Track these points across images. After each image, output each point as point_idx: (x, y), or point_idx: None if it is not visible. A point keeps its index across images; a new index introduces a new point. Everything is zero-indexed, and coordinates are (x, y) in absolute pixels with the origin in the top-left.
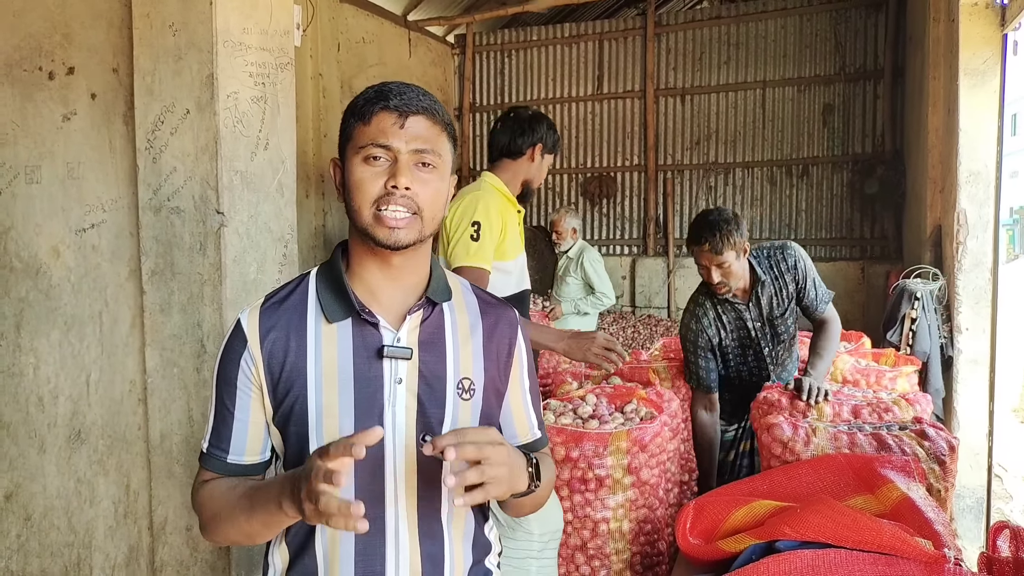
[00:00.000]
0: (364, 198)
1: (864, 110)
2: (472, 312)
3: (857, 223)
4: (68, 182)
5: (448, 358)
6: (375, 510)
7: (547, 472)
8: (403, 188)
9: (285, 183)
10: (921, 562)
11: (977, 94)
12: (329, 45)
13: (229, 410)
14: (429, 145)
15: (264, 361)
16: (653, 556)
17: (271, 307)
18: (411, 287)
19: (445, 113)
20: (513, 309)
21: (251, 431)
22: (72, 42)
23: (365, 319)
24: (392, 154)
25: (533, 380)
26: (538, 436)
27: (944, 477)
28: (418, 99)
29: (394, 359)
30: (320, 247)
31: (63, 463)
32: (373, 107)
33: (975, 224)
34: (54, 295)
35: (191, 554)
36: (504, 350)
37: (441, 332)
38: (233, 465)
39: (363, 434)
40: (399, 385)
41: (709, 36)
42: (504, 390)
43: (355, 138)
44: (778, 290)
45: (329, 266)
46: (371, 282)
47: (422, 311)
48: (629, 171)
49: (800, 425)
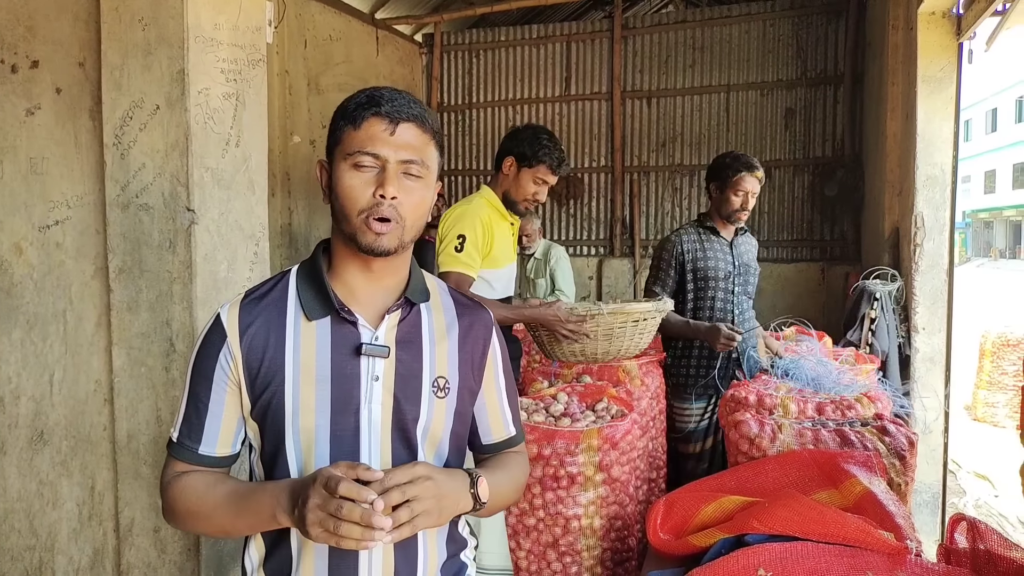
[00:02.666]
0: (352, 205)
1: (824, 114)
2: (449, 313)
3: (817, 225)
4: (31, 177)
5: (424, 357)
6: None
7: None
8: (390, 198)
9: (256, 180)
10: (884, 553)
11: (934, 100)
12: (296, 42)
13: (203, 402)
14: (417, 155)
15: (243, 356)
16: (623, 552)
17: (251, 303)
18: (391, 288)
19: (434, 121)
20: (488, 311)
21: (224, 424)
22: (36, 35)
23: (344, 317)
24: (380, 162)
25: (509, 379)
26: (513, 433)
27: (904, 471)
28: (409, 106)
29: (371, 357)
30: (286, 245)
31: (24, 465)
32: (364, 112)
33: (932, 227)
34: (16, 293)
35: (159, 556)
36: (479, 351)
37: (418, 331)
38: (205, 457)
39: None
40: (376, 383)
41: (675, 40)
42: (478, 389)
43: (344, 143)
44: (750, 251)
45: (310, 264)
46: (351, 282)
47: (400, 311)
48: (596, 172)
49: (766, 422)
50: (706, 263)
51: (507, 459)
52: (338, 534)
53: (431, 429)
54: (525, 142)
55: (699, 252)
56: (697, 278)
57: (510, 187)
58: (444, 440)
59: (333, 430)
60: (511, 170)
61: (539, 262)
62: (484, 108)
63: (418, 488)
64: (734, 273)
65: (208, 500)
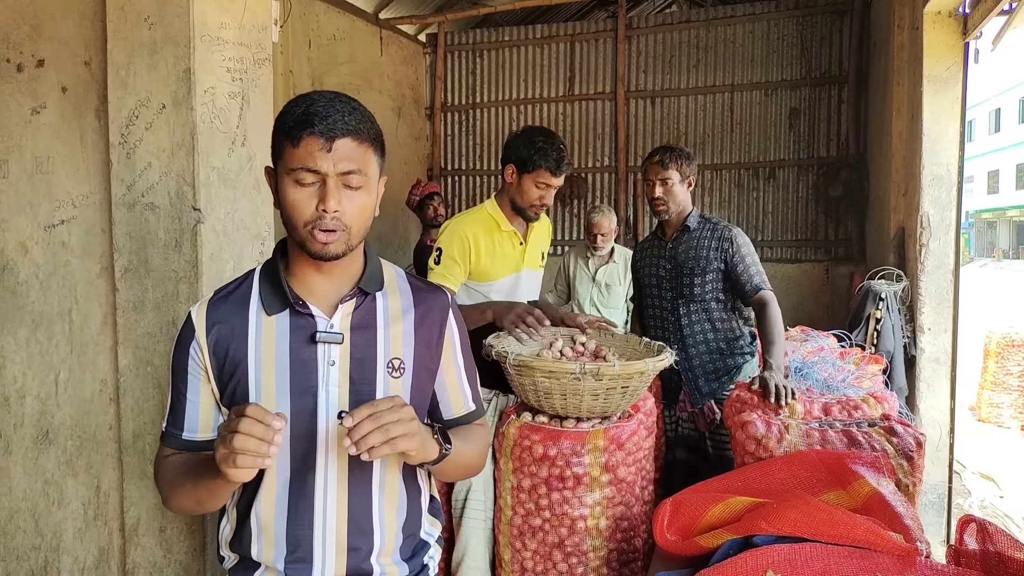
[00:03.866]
0: (298, 218)
1: (829, 114)
2: (406, 297)
3: (822, 225)
4: (37, 177)
5: (379, 341)
6: (306, 479)
7: (474, 439)
8: (332, 211)
9: (261, 180)
10: (894, 555)
11: (940, 100)
12: (300, 42)
13: (182, 392)
14: (355, 165)
15: (210, 348)
16: (629, 553)
17: (218, 301)
18: (345, 280)
19: (371, 127)
20: (446, 294)
21: (202, 411)
22: (42, 34)
23: (299, 311)
24: (320, 176)
25: (468, 358)
26: (472, 409)
27: (912, 472)
28: (343, 121)
29: (327, 344)
30: None
31: (30, 464)
32: (300, 132)
33: (937, 227)
34: (21, 292)
35: (165, 556)
36: (436, 331)
37: (372, 317)
38: (188, 441)
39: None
40: (332, 367)
41: (679, 40)
42: (436, 368)
43: (285, 159)
44: (700, 249)
45: (270, 264)
46: (306, 279)
47: (354, 300)
48: (600, 172)
49: (773, 422)
50: (647, 271)
51: (468, 429)
52: (233, 447)
53: None
54: (521, 147)
55: (645, 261)
56: (646, 286)
57: (515, 195)
58: None
59: (293, 411)
60: (513, 178)
61: (616, 266)
62: (488, 108)
63: (399, 412)
64: (664, 276)
65: (180, 473)
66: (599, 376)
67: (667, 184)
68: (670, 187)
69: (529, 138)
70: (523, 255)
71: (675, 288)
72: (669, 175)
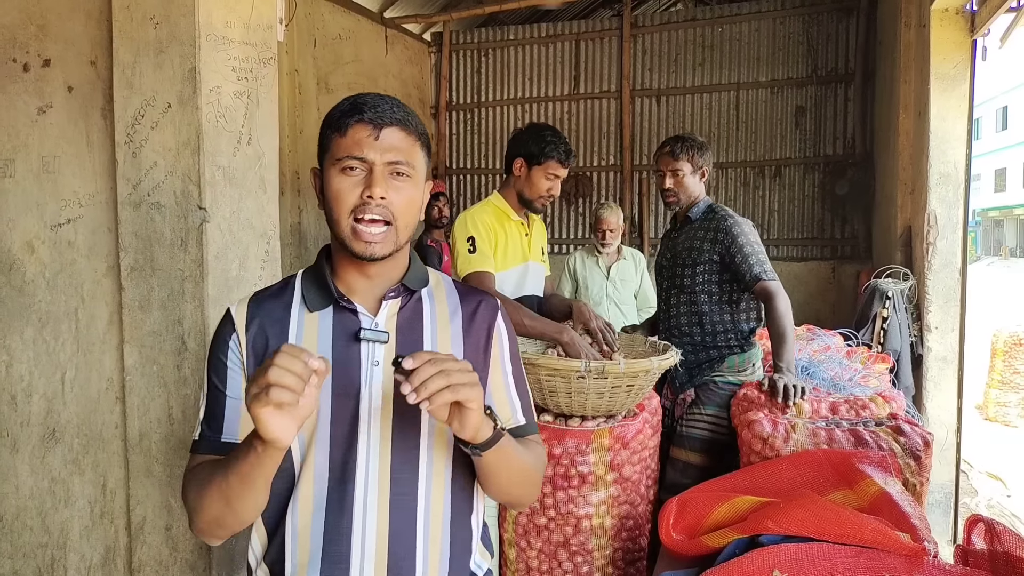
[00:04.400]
0: (342, 208)
1: (835, 112)
2: (452, 299)
3: (828, 223)
4: (43, 176)
5: (426, 343)
6: (344, 488)
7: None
8: (378, 198)
9: (267, 179)
10: (901, 555)
11: (947, 98)
12: (305, 41)
13: (220, 390)
14: (403, 156)
15: (249, 344)
16: (635, 552)
17: (258, 299)
18: (390, 282)
19: (419, 123)
20: (494, 297)
21: (243, 410)
22: (48, 34)
23: (344, 306)
24: (367, 165)
25: (517, 366)
26: (522, 422)
27: (919, 472)
28: (392, 111)
29: (371, 342)
30: (296, 244)
31: (37, 462)
32: (348, 120)
33: (944, 225)
34: (28, 291)
35: (170, 554)
36: (483, 334)
37: (419, 318)
38: (228, 444)
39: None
40: (376, 367)
41: (684, 38)
42: (485, 375)
43: (332, 150)
44: (695, 240)
45: (314, 267)
46: (350, 280)
47: (400, 298)
48: (605, 171)
49: (780, 422)
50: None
51: (522, 439)
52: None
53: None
54: (530, 141)
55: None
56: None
57: (523, 187)
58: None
59: (334, 414)
60: (522, 171)
61: (628, 263)
62: (493, 107)
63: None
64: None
65: (208, 471)
66: (604, 374)
67: (677, 175)
68: (680, 178)
69: (538, 132)
70: (528, 245)
71: (670, 279)
72: (680, 166)
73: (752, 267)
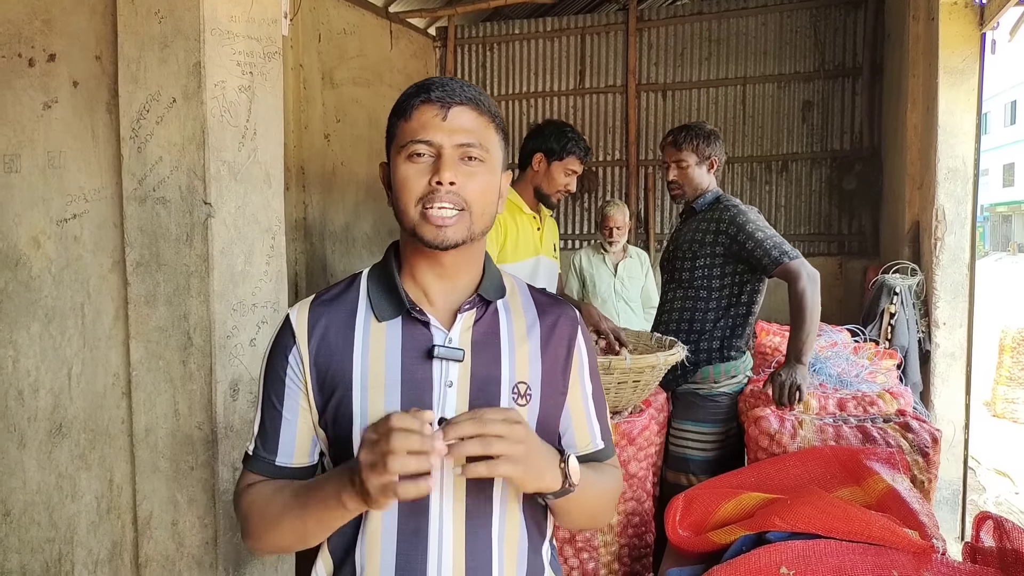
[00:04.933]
0: (409, 196)
1: (843, 107)
2: (529, 312)
3: (835, 219)
4: (49, 171)
5: (503, 361)
6: (417, 519)
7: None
8: (448, 183)
9: (272, 174)
10: (910, 552)
11: (956, 92)
12: (310, 36)
13: (277, 409)
14: (474, 138)
15: (311, 358)
16: (641, 548)
17: (320, 304)
18: (463, 287)
19: (492, 104)
20: (573, 308)
21: (300, 431)
22: (53, 28)
23: (416, 317)
24: (435, 149)
25: (597, 385)
26: (600, 447)
27: (927, 468)
28: (461, 89)
29: (444, 360)
30: (300, 239)
31: (44, 457)
32: (414, 101)
33: (953, 220)
34: (34, 287)
35: (177, 549)
36: (563, 351)
37: (496, 333)
38: (282, 468)
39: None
40: (449, 389)
41: (690, 32)
42: (564, 395)
43: (398, 136)
44: (697, 234)
45: (381, 265)
46: (422, 281)
47: (475, 310)
48: (611, 166)
49: (787, 418)
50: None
51: (599, 465)
52: (388, 470)
53: None
54: (552, 137)
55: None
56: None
57: (541, 182)
58: None
59: None
60: (541, 166)
61: (633, 261)
62: (498, 102)
63: (507, 428)
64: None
65: (278, 501)
66: (610, 370)
67: (681, 166)
68: (685, 169)
69: (559, 128)
70: (540, 239)
71: (669, 272)
72: (683, 156)
73: (769, 251)
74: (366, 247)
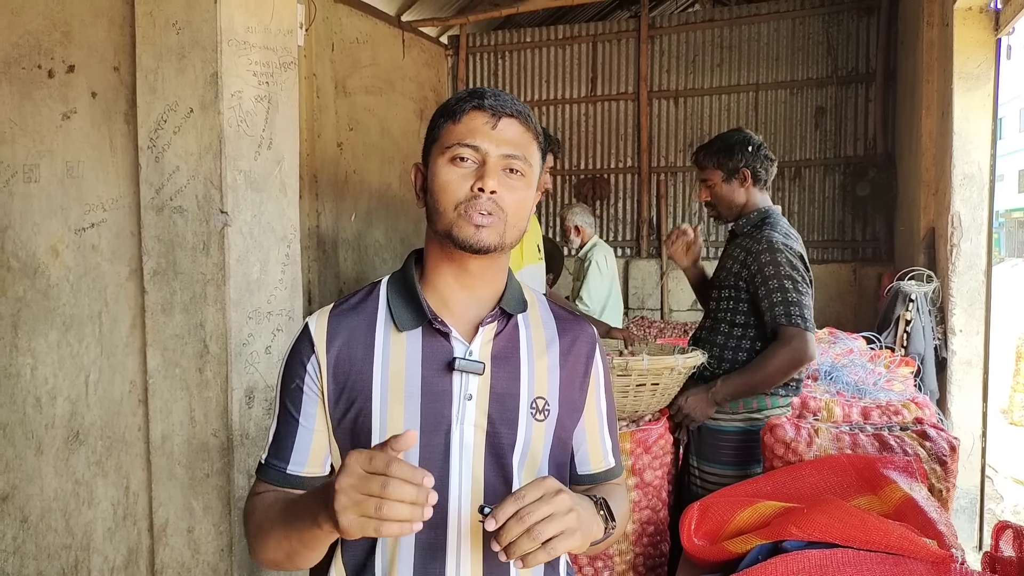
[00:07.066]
0: (448, 200)
1: (856, 113)
2: (549, 327)
3: (849, 225)
4: (67, 181)
5: (522, 375)
6: (435, 533)
7: (619, 507)
8: (490, 191)
9: (288, 183)
10: (928, 562)
11: (971, 98)
12: (323, 45)
13: (293, 416)
14: (520, 151)
15: (329, 367)
16: (656, 557)
17: (340, 313)
18: (486, 298)
19: (537, 122)
20: (592, 326)
21: (315, 440)
22: (72, 40)
23: (437, 328)
24: (481, 156)
25: (610, 402)
26: (612, 465)
27: (945, 477)
28: (512, 102)
29: (465, 373)
30: (313, 248)
31: (61, 464)
32: (465, 105)
33: (969, 226)
34: (52, 295)
35: (192, 556)
36: (581, 368)
37: (515, 347)
38: (292, 476)
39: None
40: (468, 402)
41: (702, 39)
42: (579, 412)
43: (443, 138)
44: (727, 260)
45: (401, 273)
46: (444, 291)
47: (496, 323)
48: (622, 173)
49: (803, 426)
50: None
51: (611, 490)
52: (380, 516)
53: (529, 455)
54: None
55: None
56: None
57: None
58: (543, 468)
59: (422, 453)
60: None
61: (580, 263)
62: None
63: (552, 505)
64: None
65: (270, 514)
66: (627, 371)
67: (709, 185)
68: (713, 188)
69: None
70: (522, 246)
71: (704, 296)
72: (708, 175)
73: (775, 306)
74: (378, 255)
